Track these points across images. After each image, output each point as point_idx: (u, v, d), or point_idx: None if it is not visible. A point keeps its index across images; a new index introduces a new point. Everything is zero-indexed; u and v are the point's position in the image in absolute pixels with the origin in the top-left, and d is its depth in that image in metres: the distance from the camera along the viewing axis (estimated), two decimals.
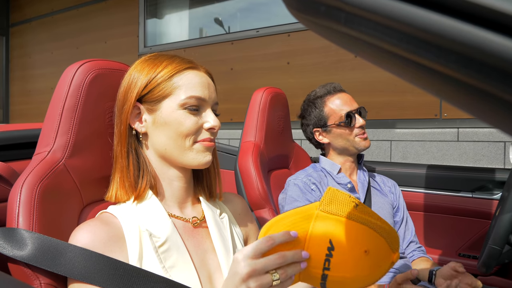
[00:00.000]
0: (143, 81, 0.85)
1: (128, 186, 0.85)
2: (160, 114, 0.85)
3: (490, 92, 0.25)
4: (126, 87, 0.86)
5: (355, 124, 1.54)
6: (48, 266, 0.73)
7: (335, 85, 1.62)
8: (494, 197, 1.77)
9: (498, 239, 1.08)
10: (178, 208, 0.90)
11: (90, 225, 0.79)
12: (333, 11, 0.30)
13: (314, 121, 1.62)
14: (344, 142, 1.57)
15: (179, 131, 0.84)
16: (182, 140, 0.84)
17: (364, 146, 1.57)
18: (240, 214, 1.02)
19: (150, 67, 0.86)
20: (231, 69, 3.40)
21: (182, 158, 0.86)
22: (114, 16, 4.31)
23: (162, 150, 0.86)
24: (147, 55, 0.91)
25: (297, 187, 1.51)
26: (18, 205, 0.78)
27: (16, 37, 5.39)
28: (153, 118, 0.86)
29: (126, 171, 0.86)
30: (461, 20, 0.24)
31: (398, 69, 0.32)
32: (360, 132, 1.56)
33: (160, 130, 0.85)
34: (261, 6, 3.46)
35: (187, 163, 0.86)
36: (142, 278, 0.74)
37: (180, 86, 0.84)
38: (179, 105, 0.84)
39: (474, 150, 2.44)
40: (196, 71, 0.87)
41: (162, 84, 0.84)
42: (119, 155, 0.87)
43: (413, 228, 1.66)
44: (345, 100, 1.57)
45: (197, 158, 0.86)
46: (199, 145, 0.85)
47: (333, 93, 1.60)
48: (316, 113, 1.61)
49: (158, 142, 0.86)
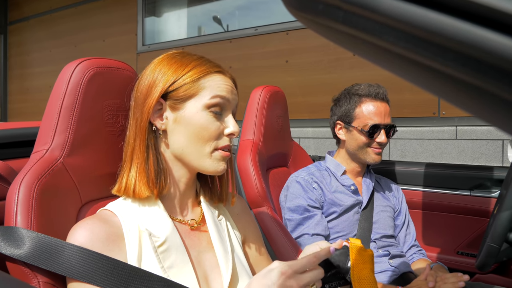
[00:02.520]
0: (170, 77, 0.83)
1: (150, 181, 0.83)
2: (183, 113, 0.83)
3: (488, 91, 0.25)
4: (151, 81, 0.84)
5: (376, 138, 1.51)
6: (46, 265, 0.73)
7: (380, 91, 1.54)
8: (492, 195, 1.77)
9: (496, 237, 1.09)
10: (177, 209, 0.90)
11: (89, 223, 0.78)
12: (331, 10, 0.30)
13: (341, 114, 1.58)
14: (357, 148, 1.54)
15: (201, 135, 0.83)
16: (203, 144, 0.83)
17: (373, 160, 1.54)
18: (238, 214, 1.01)
19: (178, 64, 0.85)
20: (230, 67, 3.40)
21: (199, 162, 0.85)
22: (112, 14, 4.30)
23: (178, 150, 0.85)
24: (172, 52, 0.89)
25: (299, 184, 1.51)
26: (16, 203, 0.78)
27: (14, 35, 5.37)
28: (175, 116, 0.84)
29: (145, 166, 0.83)
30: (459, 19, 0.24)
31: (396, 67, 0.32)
32: (376, 147, 1.52)
33: (181, 129, 0.84)
34: (260, 5, 3.46)
35: (203, 168, 0.85)
36: (140, 277, 0.74)
37: (206, 87, 0.84)
38: (204, 105, 0.83)
39: (472, 148, 2.44)
40: (223, 76, 0.87)
41: (189, 83, 0.83)
42: (137, 149, 0.84)
43: (415, 232, 1.67)
44: (380, 111, 1.51)
45: (213, 165, 0.85)
46: (218, 154, 0.85)
47: (373, 98, 1.53)
48: (347, 108, 1.56)
49: (176, 142, 0.85)
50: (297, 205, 1.46)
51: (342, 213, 1.50)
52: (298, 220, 1.45)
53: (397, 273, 1.46)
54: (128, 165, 0.85)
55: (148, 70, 0.87)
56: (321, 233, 1.43)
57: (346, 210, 1.51)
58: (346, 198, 1.53)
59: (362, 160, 1.56)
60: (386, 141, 1.51)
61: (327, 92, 2.74)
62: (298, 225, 1.45)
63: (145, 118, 0.83)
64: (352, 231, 1.50)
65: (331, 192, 1.53)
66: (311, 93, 3.01)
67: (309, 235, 1.42)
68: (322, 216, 1.47)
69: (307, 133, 2.96)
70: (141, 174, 0.83)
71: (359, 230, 1.50)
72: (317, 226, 1.43)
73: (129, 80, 0.96)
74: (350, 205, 1.51)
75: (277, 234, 1.37)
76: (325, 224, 1.46)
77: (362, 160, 1.56)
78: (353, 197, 1.54)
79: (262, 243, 1.05)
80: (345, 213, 1.51)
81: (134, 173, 0.83)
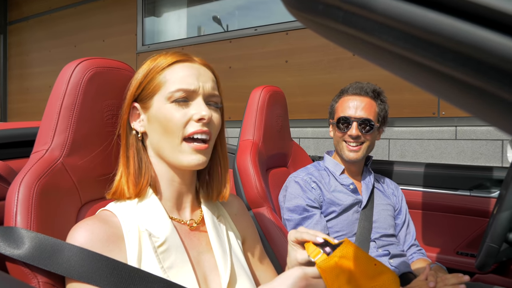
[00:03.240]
0: (138, 79, 0.86)
1: (130, 183, 0.84)
2: (152, 111, 0.84)
3: (488, 91, 0.25)
4: (128, 86, 0.88)
5: (348, 132, 1.51)
6: (45, 265, 0.73)
7: (364, 87, 1.55)
8: (492, 195, 1.77)
9: (496, 237, 1.09)
10: (176, 209, 0.90)
11: (89, 223, 0.78)
12: (331, 10, 0.30)
13: (329, 113, 1.65)
14: (336, 144, 1.58)
15: (168, 127, 0.81)
16: (171, 137, 0.82)
17: (346, 157, 1.53)
18: (236, 215, 1.01)
19: (147, 65, 0.87)
20: (229, 67, 3.40)
21: (173, 157, 0.83)
22: (112, 15, 4.30)
23: (157, 148, 0.86)
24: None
25: (297, 184, 1.51)
26: (16, 203, 0.78)
27: (14, 35, 5.37)
28: (147, 116, 0.86)
29: (126, 169, 0.86)
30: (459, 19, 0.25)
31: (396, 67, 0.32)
32: (349, 140, 1.52)
33: (154, 127, 0.85)
34: (259, 5, 3.46)
35: (179, 162, 0.83)
36: (140, 278, 0.74)
37: (168, 80, 0.82)
38: (167, 98, 0.82)
39: (472, 149, 2.44)
40: (188, 63, 0.84)
41: (152, 80, 0.84)
42: (122, 153, 0.87)
43: (414, 232, 1.67)
44: (354, 105, 1.52)
45: (186, 159, 0.82)
46: (186, 146, 0.82)
47: (350, 93, 1.55)
48: (331, 106, 1.63)
49: (153, 140, 0.86)
50: (296, 205, 1.47)
51: (341, 212, 1.50)
52: (297, 220, 1.45)
53: (397, 273, 1.46)
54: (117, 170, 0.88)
55: None
56: None
57: (345, 210, 1.51)
58: (345, 197, 1.53)
59: (341, 156, 1.56)
60: (356, 134, 1.49)
61: (327, 92, 2.74)
62: (297, 225, 1.45)
63: (123, 123, 0.88)
64: (351, 231, 1.50)
65: (330, 191, 1.53)
66: (310, 93, 3.01)
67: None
68: (321, 216, 1.47)
69: (307, 133, 2.96)
70: (124, 176, 0.85)
71: (359, 229, 1.50)
72: (316, 226, 1.43)
73: (129, 80, 0.96)
74: (349, 204, 1.51)
75: (276, 234, 1.37)
76: (324, 224, 1.46)
77: (342, 156, 1.56)
78: (352, 196, 1.54)
79: (260, 244, 1.05)
80: (344, 213, 1.51)
81: (118, 176, 0.86)
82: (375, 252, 1.48)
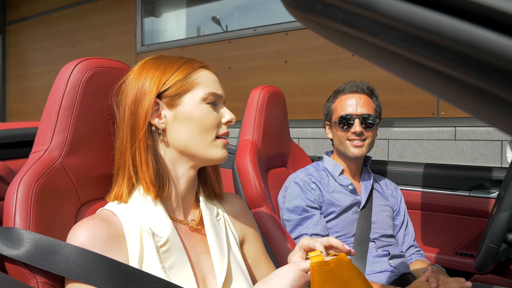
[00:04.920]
0: (162, 77, 0.85)
1: (150, 182, 0.83)
2: (181, 108, 0.85)
3: (487, 91, 0.25)
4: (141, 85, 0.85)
5: (351, 129, 1.52)
6: (43, 265, 0.73)
7: (359, 85, 1.57)
8: (491, 195, 1.77)
9: (495, 238, 1.09)
10: (177, 209, 0.90)
11: (90, 223, 0.78)
12: (330, 9, 0.30)
13: (325, 114, 1.65)
14: (339, 144, 1.57)
15: (204, 126, 0.86)
16: (205, 134, 0.86)
17: (352, 154, 1.53)
18: (237, 215, 1.02)
19: (165, 65, 0.87)
20: (229, 67, 3.40)
21: (204, 152, 0.87)
22: (111, 15, 4.30)
23: (181, 145, 0.86)
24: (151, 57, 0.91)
25: (297, 185, 1.51)
26: (14, 204, 0.78)
27: (13, 35, 5.36)
28: (174, 113, 0.85)
29: (145, 167, 0.83)
30: (458, 18, 0.24)
31: (395, 67, 0.32)
32: (353, 138, 1.52)
33: (182, 124, 0.85)
34: (259, 5, 3.46)
35: (209, 157, 0.88)
36: (138, 278, 0.74)
37: (200, 82, 0.87)
38: (201, 99, 0.86)
39: (471, 149, 2.45)
40: (208, 71, 0.91)
41: (182, 80, 0.86)
42: (136, 152, 0.84)
43: (413, 233, 1.67)
44: (352, 103, 1.54)
45: (217, 153, 0.88)
46: (220, 141, 0.88)
47: (347, 92, 1.57)
48: (328, 107, 1.63)
49: (178, 137, 0.86)
50: (296, 205, 1.47)
51: (340, 213, 1.50)
52: (296, 221, 1.45)
53: (397, 274, 1.46)
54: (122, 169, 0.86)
55: (131, 76, 0.88)
56: (320, 233, 1.43)
57: (345, 210, 1.51)
58: (344, 197, 1.53)
59: (345, 154, 1.56)
60: (360, 131, 1.51)
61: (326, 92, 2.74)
62: (297, 226, 1.45)
63: (142, 121, 0.84)
64: (350, 231, 1.50)
65: (329, 192, 1.53)
66: (310, 93, 3.01)
67: (308, 235, 1.42)
68: (320, 216, 1.47)
69: (306, 133, 2.96)
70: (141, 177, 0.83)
71: (357, 229, 1.50)
72: (315, 226, 1.43)
73: None
74: (348, 205, 1.51)
75: (276, 234, 1.36)
76: (324, 224, 1.46)
77: (345, 154, 1.57)
78: (351, 197, 1.54)
79: (261, 243, 1.05)
80: (343, 213, 1.51)
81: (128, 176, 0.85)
82: (374, 253, 1.48)
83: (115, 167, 0.88)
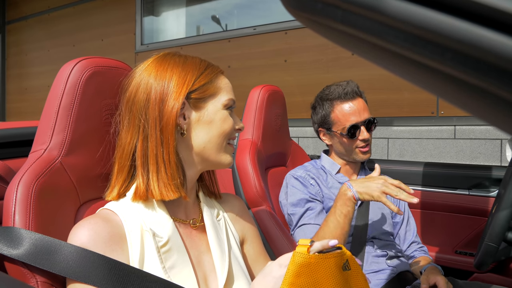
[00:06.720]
0: (190, 77, 0.84)
1: (179, 183, 0.82)
2: (205, 112, 0.86)
3: (487, 90, 0.25)
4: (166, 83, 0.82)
5: (358, 137, 1.51)
6: (43, 265, 0.73)
7: (349, 90, 1.52)
8: (490, 194, 1.77)
9: (495, 236, 1.09)
10: (179, 209, 0.89)
11: (91, 222, 0.77)
12: (330, 9, 0.30)
13: (320, 121, 1.60)
14: (344, 151, 1.57)
15: (222, 130, 0.87)
16: (222, 139, 0.88)
17: (361, 159, 1.56)
18: (237, 215, 1.02)
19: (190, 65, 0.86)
20: (228, 66, 3.40)
21: (217, 157, 0.88)
22: (110, 14, 4.29)
23: (199, 148, 0.86)
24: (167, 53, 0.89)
25: (297, 180, 1.52)
26: (14, 203, 0.78)
27: (12, 35, 5.36)
28: (198, 115, 0.85)
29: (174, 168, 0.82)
30: (458, 18, 0.24)
31: (395, 66, 0.32)
32: (362, 145, 1.52)
33: (203, 127, 0.85)
34: (258, 4, 3.46)
35: (220, 161, 0.89)
36: (138, 277, 0.74)
37: (221, 88, 0.89)
38: (223, 105, 0.88)
39: (470, 148, 2.45)
40: (224, 76, 0.93)
41: (207, 84, 0.86)
42: (164, 151, 0.81)
43: (415, 228, 1.66)
44: (354, 110, 1.51)
45: (228, 158, 0.90)
46: (229, 147, 0.91)
47: (343, 99, 1.52)
48: (323, 115, 1.57)
49: (198, 139, 0.85)
50: (299, 198, 1.47)
51: None
52: (302, 212, 1.45)
53: (395, 272, 1.46)
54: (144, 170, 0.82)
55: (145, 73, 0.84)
56: (320, 224, 1.43)
57: None
58: None
59: (352, 159, 1.58)
60: (368, 137, 1.52)
61: None
62: (302, 216, 1.45)
63: (172, 120, 0.81)
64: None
65: (328, 187, 1.54)
66: (309, 93, 2.99)
67: (310, 225, 1.42)
68: (322, 210, 1.47)
69: (306, 133, 2.96)
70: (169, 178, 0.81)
71: (355, 228, 1.50)
72: (317, 216, 1.43)
73: None
74: None
75: (275, 233, 1.37)
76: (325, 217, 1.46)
77: (353, 160, 1.58)
78: None
79: (260, 243, 1.05)
80: None
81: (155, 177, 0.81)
82: (373, 252, 1.48)
83: (118, 165, 0.85)
